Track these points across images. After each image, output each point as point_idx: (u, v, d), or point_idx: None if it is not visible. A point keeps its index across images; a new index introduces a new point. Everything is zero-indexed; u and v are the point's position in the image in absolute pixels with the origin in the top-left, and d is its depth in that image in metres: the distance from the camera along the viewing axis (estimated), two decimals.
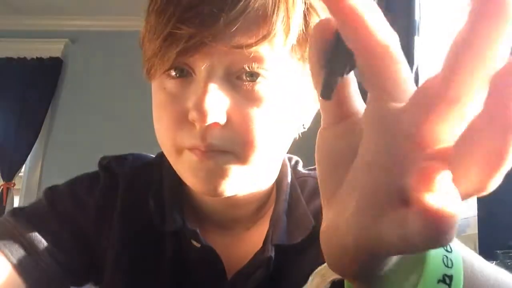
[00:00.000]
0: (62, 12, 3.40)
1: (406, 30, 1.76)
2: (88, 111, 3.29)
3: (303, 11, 0.48)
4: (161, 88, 0.49)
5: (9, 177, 3.15)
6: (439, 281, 0.25)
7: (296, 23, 0.46)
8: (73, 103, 3.36)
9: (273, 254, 0.51)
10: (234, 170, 0.47)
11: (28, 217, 0.54)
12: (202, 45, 0.44)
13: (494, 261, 1.07)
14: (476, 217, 1.31)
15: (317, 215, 0.56)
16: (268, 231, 0.54)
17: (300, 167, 0.64)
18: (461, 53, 0.19)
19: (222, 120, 0.45)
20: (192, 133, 0.45)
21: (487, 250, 1.22)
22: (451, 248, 0.27)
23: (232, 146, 0.46)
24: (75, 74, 3.43)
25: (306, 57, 0.50)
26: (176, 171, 0.51)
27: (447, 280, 0.25)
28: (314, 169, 0.65)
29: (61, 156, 3.17)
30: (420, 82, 0.22)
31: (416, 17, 1.75)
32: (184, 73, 0.47)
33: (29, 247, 0.51)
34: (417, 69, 1.75)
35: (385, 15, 0.26)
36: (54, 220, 0.54)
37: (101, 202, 0.56)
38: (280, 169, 0.59)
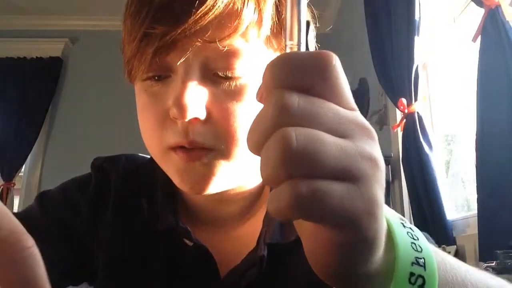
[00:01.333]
0: (62, 12, 3.40)
1: (406, 30, 1.76)
2: (88, 111, 3.29)
3: (275, 1, 0.48)
4: (142, 91, 0.49)
5: (9, 177, 3.15)
6: (413, 263, 0.27)
7: (268, 14, 0.47)
8: (73, 103, 3.36)
9: (265, 253, 0.50)
10: (219, 168, 0.47)
11: (20, 221, 0.54)
12: (176, 42, 0.44)
13: (494, 261, 1.07)
14: (476, 217, 1.31)
15: None
16: (261, 230, 0.54)
17: None
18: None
19: (202, 115, 0.45)
20: (175, 131, 0.46)
21: (487, 250, 1.22)
22: (417, 237, 0.29)
23: (214, 142, 0.46)
24: (75, 74, 3.43)
25: (283, 47, 0.50)
26: (165, 172, 0.51)
27: (421, 262, 0.27)
28: None
29: (61, 156, 3.17)
30: (420, 82, 0.22)
31: (416, 17, 1.75)
32: (163, 76, 0.47)
33: None
34: (417, 69, 1.75)
35: (386, 15, 0.26)
36: (45, 223, 0.54)
37: (93, 202, 0.57)
38: None
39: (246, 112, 0.47)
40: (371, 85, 2.39)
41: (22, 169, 3.25)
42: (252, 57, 0.47)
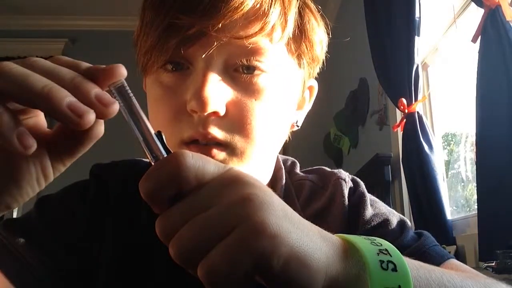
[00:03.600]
0: (62, 12, 3.40)
1: (406, 30, 1.76)
2: None
3: (298, 6, 0.49)
4: (156, 82, 0.48)
5: None
6: (378, 253, 0.30)
7: (292, 17, 0.47)
8: None
9: None
10: (234, 165, 0.46)
11: (19, 228, 0.52)
12: (201, 35, 0.44)
13: (494, 261, 1.07)
14: (476, 217, 1.31)
15: (318, 220, 0.55)
16: None
17: (297, 169, 0.63)
18: None
19: (222, 110, 0.45)
20: (191, 124, 0.45)
21: (487, 249, 1.22)
22: (373, 238, 0.32)
23: (230, 138, 0.46)
24: None
25: (301, 53, 0.52)
26: None
27: (384, 251, 0.31)
28: (312, 170, 0.64)
29: None
30: (420, 82, 0.22)
31: (416, 17, 1.75)
32: (180, 67, 0.47)
33: (21, 257, 0.49)
34: (417, 69, 1.75)
35: (386, 15, 0.27)
36: (44, 229, 0.53)
37: (92, 210, 0.55)
38: (274, 172, 0.58)
39: (264, 111, 0.47)
40: (371, 85, 2.38)
41: None
42: (273, 57, 0.47)
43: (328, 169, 0.63)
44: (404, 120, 1.79)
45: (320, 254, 0.28)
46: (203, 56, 0.45)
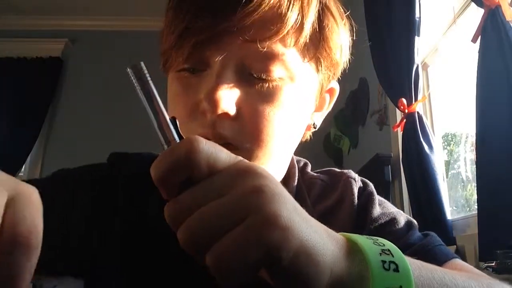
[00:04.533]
0: (62, 12, 3.40)
1: (406, 30, 1.76)
2: (88, 110, 3.29)
3: (318, 10, 0.48)
4: (175, 80, 0.49)
5: None
6: (380, 254, 0.30)
7: (310, 21, 0.47)
8: (73, 103, 3.36)
9: None
10: None
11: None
12: (216, 38, 0.44)
13: (494, 261, 1.07)
14: (476, 217, 1.31)
15: (328, 218, 0.55)
16: None
17: (308, 169, 0.64)
18: None
19: (232, 111, 0.45)
20: (204, 123, 0.46)
21: (487, 250, 1.22)
22: (376, 238, 0.32)
23: (240, 140, 0.46)
24: (75, 74, 3.43)
25: (319, 57, 0.51)
26: None
27: (387, 252, 0.31)
28: (323, 171, 0.64)
29: (61, 156, 3.17)
30: (420, 82, 0.22)
31: (416, 17, 1.75)
32: (198, 69, 0.47)
33: None
34: (417, 69, 1.75)
35: (386, 15, 0.27)
36: (52, 195, 0.50)
37: (100, 196, 0.54)
38: (288, 170, 0.59)
39: (276, 115, 0.47)
40: (371, 85, 2.38)
41: (22, 169, 3.25)
42: (288, 61, 0.47)
43: (338, 170, 0.64)
44: (404, 120, 1.79)
45: (327, 251, 0.28)
46: (220, 57, 0.45)
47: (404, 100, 1.76)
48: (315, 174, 0.63)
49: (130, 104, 3.25)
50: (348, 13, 0.55)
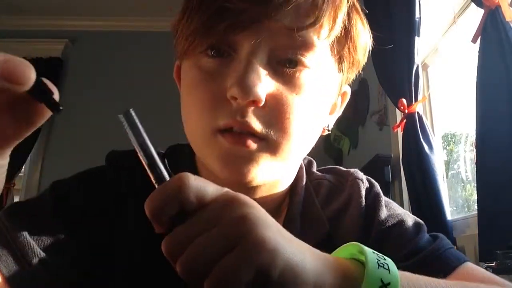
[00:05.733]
0: (62, 12, 3.40)
1: (406, 30, 1.76)
2: (88, 111, 3.29)
3: (348, 7, 0.48)
4: (195, 67, 0.47)
5: (9, 177, 3.15)
6: (379, 266, 0.33)
7: (341, 17, 0.47)
8: (73, 103, 3.36)
9: None
10: (265, 160, 0.46)
11: (25, 216, 0.48)
12: (252, 22, 0.43)
13: (494, 261, 1.07)
14: (476, 217, 1.31)
15: (336, 220, 0.55)
16: None
17: (314, 168, 0.63)
18: None
19: (262, 100, 0.44)
20: (228, 111, 0.44)
21: (487, 250, 1.22)
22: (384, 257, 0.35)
23: (267, 130, 0.45)
24: (75, 74, 3.43)
25: (343, 56, 0.51)
26: (203, 159, 0.49)
27: (385, 266, 0.33)
28: (328, 169, 0.63)
29: (61, 156, 3.17)
30: (420, 83, 0.22)
31: (416, 17, 1.75)
32: (221, 53, 0.46)
33: (19, 254, 0.46)
34: (417, 69, 1.75)
35: (385, 15, 0.27)
36: (54, 219, 0.49)
37: (107, 198, 0.52)
38: (297, 172, 0.58)
39: (303, 107, 0.46)
40: (371, 85, 2.38)
41: (22, 169, 3.25)
42: (318, 54, 0.47)
43: (343, 169, 0.63)
44: (404, 120, 1.78)
45: (310, 266, 0.31)
46: (252, 43, 0.44)
47: (404, 101, 1.76)
48: (320, 174, 0.62)
49: (130, 104, 3.25)
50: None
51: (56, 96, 0.30)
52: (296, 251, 0.30)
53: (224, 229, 0.29)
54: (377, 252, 0.35)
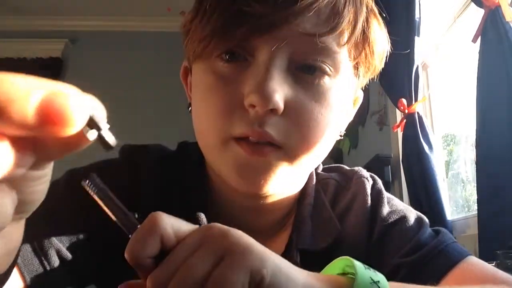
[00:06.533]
0: (62, 12, 3.40)
1: (406, 30, 1.76)
2: None
3: (366, 12, 0.47)
4: (210, 72, 0.45)
5: None
6: (371, 283, 0.32)
7: (361, 22, 0.46)
8: None
9: (298, 259, 0.48)
10: (282, 169, 0.44)
11: (41, 208, 0.48)
12: (272, 27, 0.42)
13: (494, 261, 1.07)
14: (476, 217, 1.31)
15: (342, 219, 0.55)
16: (291, 235, 0.51)
17: (319, 169, 0.62)
18: None
19: (281, 108, 0.42)
20: (245, 120, 0.42)
21: (487, 250, 1.22)
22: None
23: (285, 139, 0.43)
24: (75, 74, 3.43)
25: (360, 61, 0.49)
26: (215, 167, 0.48)
27: (372, 270, 0.33)
28: (332, 168, 0.63)
29: None
30: (420, 83, 0.23)
31: (416, 17, 1.75)
32: (236, 57, 0.44)
33: (37, 246, 0.45)
34: (417, 69, 1.75)
35: (385, 15, 0.27)
36: (69, 211, 0.48)
37: (124, 192, 0.51)
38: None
39: (322, 114, 0.45)
40: (371, 85, 2.37)
41: None
42: (339, 61, 0.45)
43: (347, 167, 0.63)
44: (404, 120, 1.78)
45: (296, 272, 0.31)
46: (272, 48, 0.42)
47: (404, 101, 1.76)
48: (326, 173, 0.62)
49: (130, 104, 3.25)
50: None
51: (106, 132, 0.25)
52: (280, 259, 0.31)
53: (209, 247, 0.29)
54: (365, 265, 0.35)
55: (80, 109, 0.20)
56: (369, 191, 0.57)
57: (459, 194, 1.88)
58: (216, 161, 0.47)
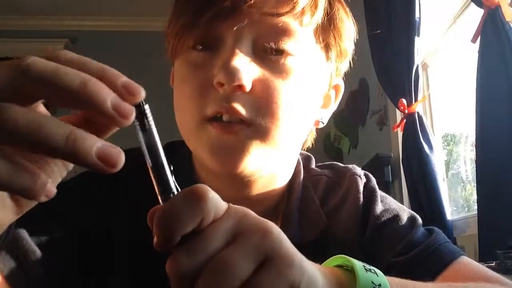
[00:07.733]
0: (62, 12, 3.40)
1: (406, 30, 1.76)
2: None
3: None
4: (184, 62, 0.48)
5: None
6: (366, 271, 0.33)
7: (322, 3, 0.48)
8: None
9: None
10: (255, 147, 0.46)
11: (24, 216, 0.48)
12: (234, 11, 0.44)
13: (494, 261, 1.07)
14: (476, 217, 1.31)
15: (332, 216, 0.55)
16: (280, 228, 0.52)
17: (312, 164, 0.63)
18: None
19: (248, 85, 0.44)
20: (216, 99, 0.45)
21: (487, 250, 1.22)
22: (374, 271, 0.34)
23: (254, 115, 0.45)
24: None
25: (329, 44, 0.52)
26: (193, 150, 0.49)
27: (372, 271, 0.33)
28: (326, 165, 0.63)
29: None
30: (420, 83, 0.23)
31: (416, 17, 1.75)
32: (208, 46, 0.47)
33: (20, 255, 0.45)
34: (417, 69, 1.75)
35: (385, 15, 0.27)
36: (52, 219, 0.48)
37: (106, 197, 0.51)
38: (294, 168, 0.58)
39: (290, 92, 0.47)
40: (371, 85, 2.38)
41: None
42: (301, 41, 0.48)
43: (342, 165, 0.64)
44: (404, 120, 1.79)
45: (321, 277, 0.31)
46: (235, 28, 0.45)
47: (404, 101, 1.76)
48: (319, 170, 0.62)
49: None
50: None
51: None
52: (310, 265, 0.30)
53: (249, 244, 0.27)
54: (362, 262, 0.35)
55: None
56: (361, 188, 0.58)
57: (459, 194, 1.88)
58: (193, 144, 0.49)
